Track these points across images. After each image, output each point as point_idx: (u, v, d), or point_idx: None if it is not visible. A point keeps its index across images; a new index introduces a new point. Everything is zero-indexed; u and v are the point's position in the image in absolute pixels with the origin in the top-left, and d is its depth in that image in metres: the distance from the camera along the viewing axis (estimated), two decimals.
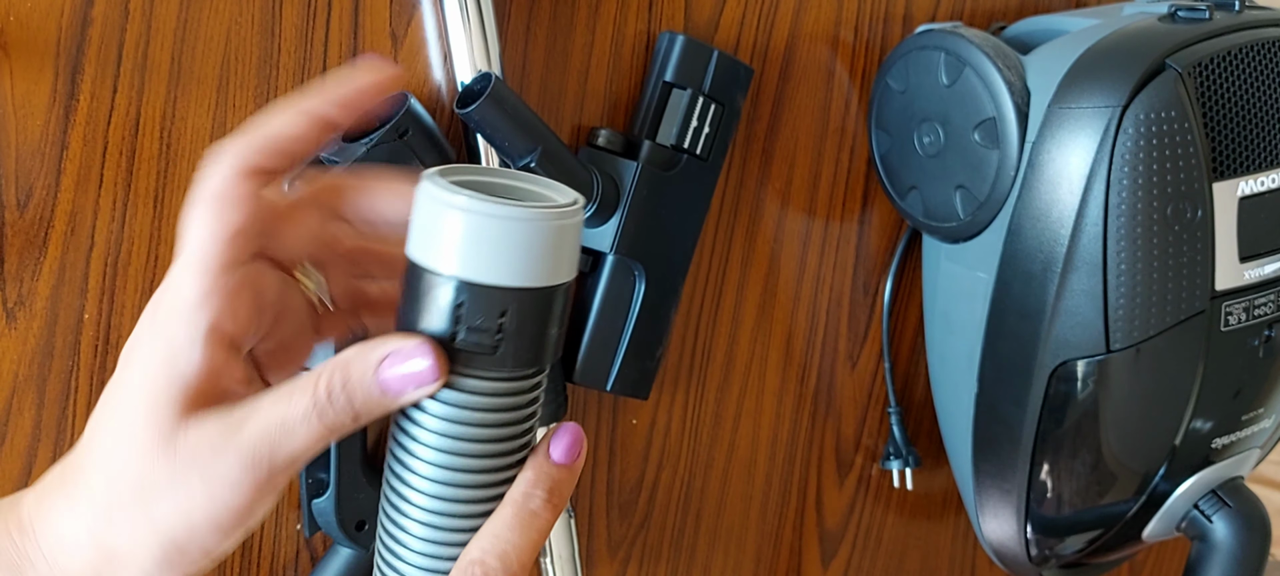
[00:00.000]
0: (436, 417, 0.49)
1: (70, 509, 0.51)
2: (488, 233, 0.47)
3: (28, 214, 0.73)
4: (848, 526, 1.06)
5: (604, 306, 0.85)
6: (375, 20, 0.80)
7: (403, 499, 0.51)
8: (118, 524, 0.49)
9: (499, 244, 0.48)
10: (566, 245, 0.50)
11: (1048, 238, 0.85)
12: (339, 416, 0.49)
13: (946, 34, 0.89)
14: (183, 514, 0.49)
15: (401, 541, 0.51)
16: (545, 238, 0.48)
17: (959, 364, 0.94)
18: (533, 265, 0.48)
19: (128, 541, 0.49)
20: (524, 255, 0.48)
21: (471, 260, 0.48)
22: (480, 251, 0.48)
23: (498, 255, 0.48)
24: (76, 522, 0.50)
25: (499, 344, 0.49)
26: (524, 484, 0.51)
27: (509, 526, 0.50)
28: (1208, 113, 0.82)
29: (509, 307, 0.48)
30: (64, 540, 0.50)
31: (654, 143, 0.85)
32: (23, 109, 0.72)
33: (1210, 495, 0.91)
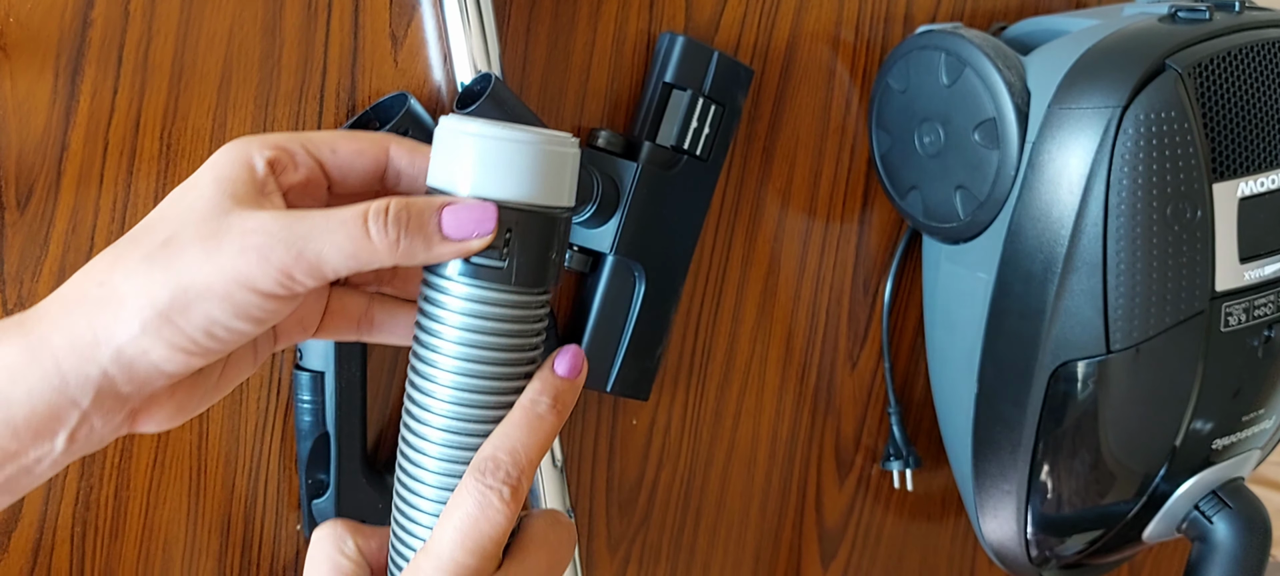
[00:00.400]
0: (454, 328, 0.55)
1: (95, 261, 0.53)
2: (496, 154, 0.54)
3: (28, 214, 0.73)
4: (847, 526, 1.06)
5: (604, 307, 0.85)
6: (375, 21, 0.80)
7: (422, 409, 0.56)
8: (131, 267, 0.51)
9: (506, 163, 0.54)
10: (565, 172, 0.57)
11: (1048, 238, 0.85)
12: (381, 240, 0.52)
13: (947, 34, 0.89)
14: (204, 273, 0.51)
15: (421, 448, 0.57)
16: (546, 161, 0.55)
17: (959, 364, 0.94)
18: (535, 185, 0.55)
19: (135, 285, 0.51)
20: (528, 175, 0.55)
21: (482, 179, 0.54)
22: (490, 171, 0.54)
23: (505, 173, 0.54)
24: (90, 268, 0.52)
25: (506, 259, 0.55)
26: (532, 392, 0.57)
27: (518, 427, 0.56)
28: (1208, 113, 0.82)
29: (514, 225, 0.55)
30: (72, 282, 0.52)
31: (654, 143, 0.85)
32: (23, 109, 0.72)
33: (1211, 496, 0.91)
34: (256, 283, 0.51)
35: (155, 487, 0.80)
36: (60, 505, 0.77)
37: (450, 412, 0.56)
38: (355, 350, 0.79)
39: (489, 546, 0.54)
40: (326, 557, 0.58)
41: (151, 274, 0.51)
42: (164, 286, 0.51)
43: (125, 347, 0.51)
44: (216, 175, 0.53)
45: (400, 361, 0.84)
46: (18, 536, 0.76)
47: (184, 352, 0.52)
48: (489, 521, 0.54)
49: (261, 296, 0.52)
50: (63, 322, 0.51)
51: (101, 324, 0.51)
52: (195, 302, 0.51)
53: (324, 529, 0.59)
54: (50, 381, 0.51)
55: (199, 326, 0.51)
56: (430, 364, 0.56)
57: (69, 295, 0.52)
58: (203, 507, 0.81)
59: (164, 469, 0.80)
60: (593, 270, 0.86)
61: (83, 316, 0.51)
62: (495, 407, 0.57)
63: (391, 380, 0.84)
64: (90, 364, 0.51)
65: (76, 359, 0.51)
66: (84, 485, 0.77)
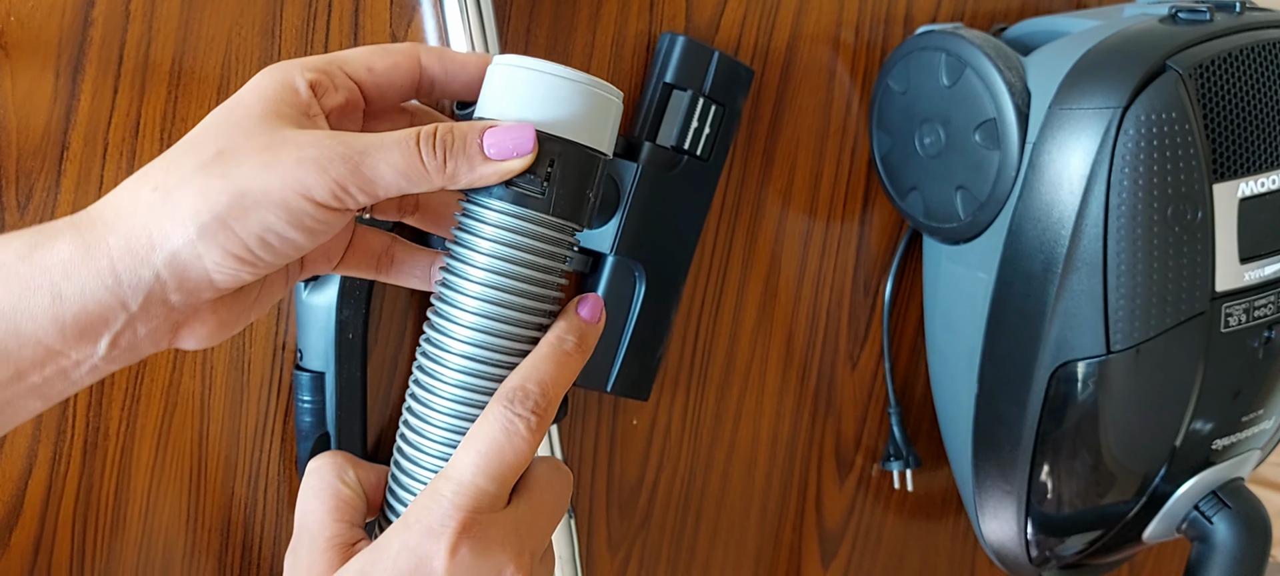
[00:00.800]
0: (488, 255, 0.58)
1: (146, 168, 0.54)
2: (546, 87, 0.57)
3: (28, 215, 0.73)
4: (848, 526, 1.06)
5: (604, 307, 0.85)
6: (375, 22, 0.80)
7: (448, 336, 0.58)
8: (187, 174, 0.52)
9: (554, 96, 0.57)
10: (608, 119, 0.59)
11: (1048, 238, 0.85)
12: (428, 160, 0.54)
13: (947, 35, 0.89)
14: (262, 180, 0.52)
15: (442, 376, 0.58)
16: (593, 102, 0.58)
17: (959, 364, 0.94)
18: (581, 123, 0.58)
19: (192, 189, 0.52)
20: (576, 112, 0.58)
21: (530, 109, 0.57)
22: (538, 102, 0.57)
23: (553, 106, 0.57)
24: (142, 176, 0.53)
25: (547, 187, 0.57)
26: (558, 329, 0.59)
27: (546, 360, 0.58)
28: (1208, 114, 0.82)
29: (557, 157, 0.57)
30: (123, 190, 0.53)
31: (654, 144, 0.85)
32: (24, 109, 0.72)
33: (1210, 496, 0.91)
34: (313, 192, 0.53)
35: (156, 486, 0.80)
36: (61, 502, 0.77)
37: (476, 340, 0.58)
38: (355, 350, 0.79)
39: (509, 474, 0.56)
40: (327, 485, 0.59)
41: (209, 181, 0.52)
42: (222, 192, 0.52)
43: (180, 251, 0.52)
44: (262, 94, 0.55)
45: (400, 362, 0.84)
46: (19, 532, 0.76)
47: (236, 260, 0.53)
48: (513, 449, 0.56)
49: (316, 205, 0.53)
50: (117, 225, 0.52)
51: (158, 227, 0.52)
52: (253, 209, 0.52)
53: (323, 458, 0.60)
54: (103, 280, 0.51)
55: (254, 233, 0.53)
56: (460, 290, 0.58)
57: (121, 202, 0.53)
58: (203, 506, 0.81)
59: (165, 468, 0.80)
60: (593, 270, 0.86)
61: (138, 219, 0.52)
62: (519, 340, 0.59)
63: (391, 380, 0.84)
64: (144, 266, 0.52)
65: (131, 260, 0.52)
66: (85, 482, 0.77)
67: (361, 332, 0.79)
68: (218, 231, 0.52)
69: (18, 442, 0.76)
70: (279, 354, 0.81)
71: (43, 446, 0.76)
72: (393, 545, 0.55)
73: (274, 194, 0.52)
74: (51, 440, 0.76)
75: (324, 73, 0.57)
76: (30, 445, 0.76)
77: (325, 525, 0.58)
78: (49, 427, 0.76)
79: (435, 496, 0.55)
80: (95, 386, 0.77)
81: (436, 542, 0.54)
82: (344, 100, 0.58)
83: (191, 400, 0.80)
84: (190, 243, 0.52)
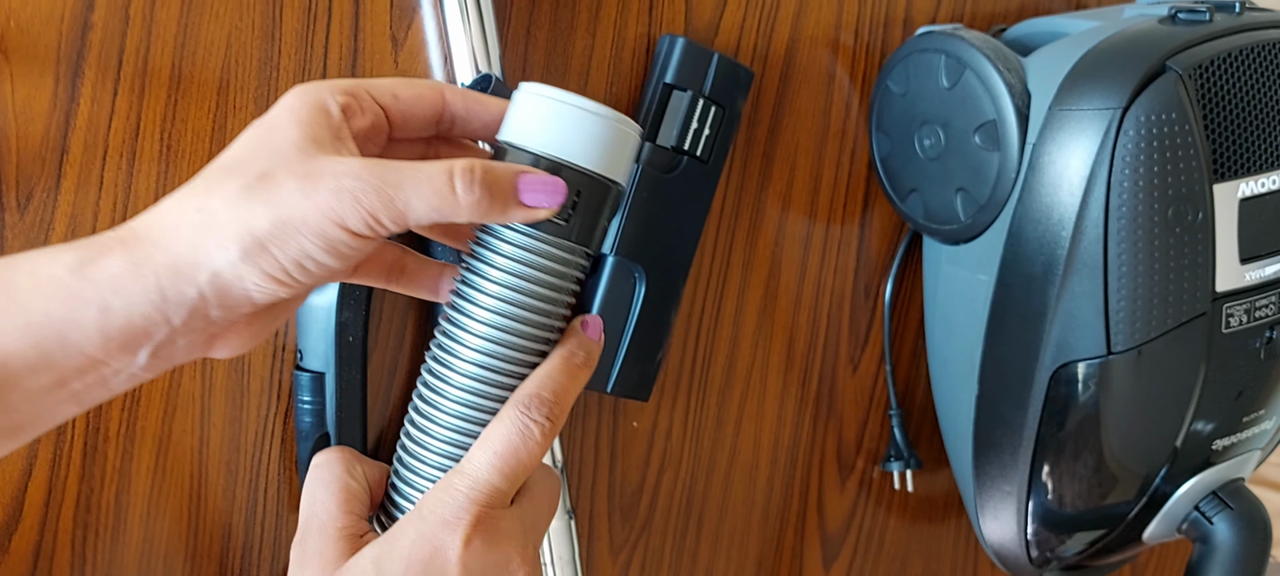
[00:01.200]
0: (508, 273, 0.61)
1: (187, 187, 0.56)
2: (576, 122, 0.60)
3: (28, 217, 0.73)
4: (849, 529, 1.06)
5: (604, 308, 0.85)
6: (375, 24, 0.80)
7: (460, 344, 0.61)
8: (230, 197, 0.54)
9: (582, 131, 0.60)
10: (628, 151, 0.62)
11: (1048, 240, 0.85)
12: (463, 195, 0.56)
13: (947, 37, 0.89)
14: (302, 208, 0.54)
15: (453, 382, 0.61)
16: (615, 136, 0.61)
17: (960, 366, 0.94)
18: (605, 156, 0.61)
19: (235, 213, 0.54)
20: (598, 144, 0.60)
21: (561, 142, 0.60)
22: (567, 136, 0.60)
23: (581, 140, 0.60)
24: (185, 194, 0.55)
25: (570, 216, 0.60)
26: (570, 344, 0.63)
27: (559, 370, 0.61)
28: (1208, 114, 0.82)
29: (582, 186, 0.60)
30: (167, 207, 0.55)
31: (654, 144, 0.85)
32: (23, 113, 0.72)
33: (1211, 497, 0.91)
34: (348, 221, 0.54)
35: (157, 491, 0.80)
36: (61, 508, 0.77)
37: (491, 350, 0.61)
38: (355, 351, 0.79)
39: (521, 474, 0.59)
40: (336, 477, 0.61)
41: (251, 204, 0.54)
42: (264, 217, 0.54)
43: (223, 271, 0.54)
44: (297, 117, 0.57)
45: (400, 363, 0.84)
46: (19, 538, 0.76)
47: (274, 281, 0.55)
48: (527, 451, 0.59)
49: (350, 235, 0.55)
50: (163, 243, 0.54)
51: (202, 247, 0.54)
52: (292, 235, 0.54)
53: (331, 452, 0.62)
54: (150, 296, 0.53)
55: (292, 257, 0.55)
56: (476, 303, 0.61)
57: (167, 219, 0.55)
58: (203, 508, 0.81)
59: (165, 472, 0.80)
60: (593, 271, 0.86)
61: (184, 239, 0.54)
62: (530, 352, 0.62)
63: (391, 381, 0.84)
64: (189, 283, 0.54)
65: (176, 278, 0.54)
66: (85, 488, 0.77)
67: (362, 334, 0.79)
68: (259, 254, 0.54)
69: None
70: (279, 355, 0.81)
71: (42, 449, 0.76)
72: (407, 534, 0.58)
73: (313, 222, 0.54)
74: (51, 443, 0.76)
75: (352, 96, 0.59)
76: (30, 448, 0.76)
77: (335, 516, 0.60)
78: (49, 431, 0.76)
79: (450, 490, 0.58)
80: None
81: (452, 533, 0.58)
82: (370, 123, 0.60)
83: (191, 402, 0.79)
84: (233, 264, 0.54)
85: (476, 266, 0.61)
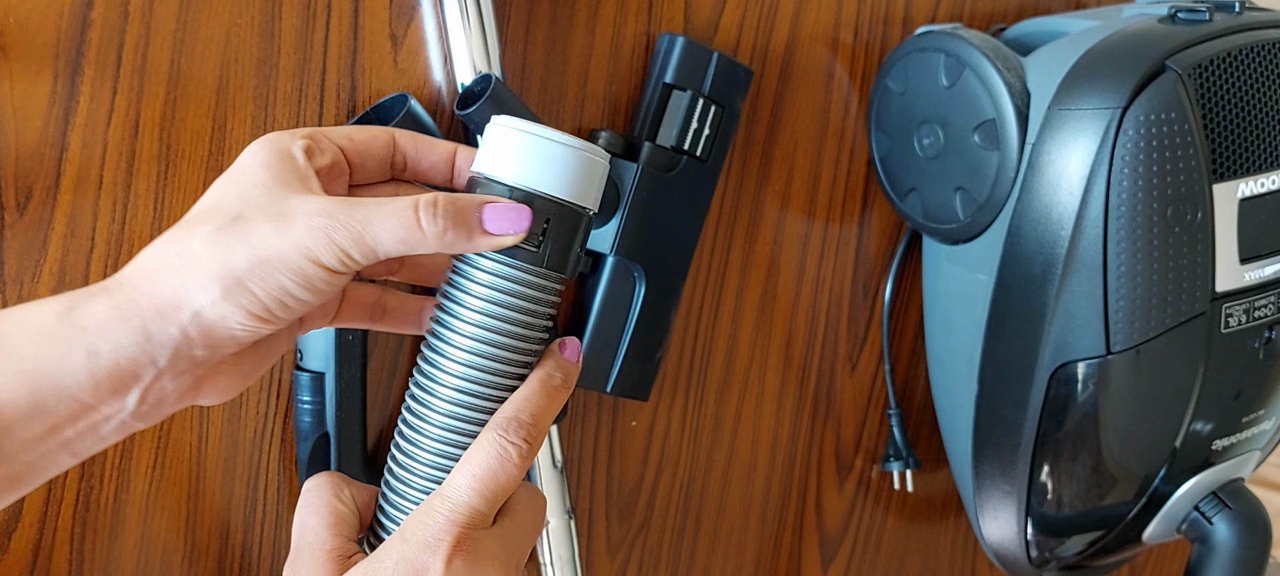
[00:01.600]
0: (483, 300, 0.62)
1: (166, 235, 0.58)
2: (545, 152, 0.61)
3: (27, 216, 0.73)
4: (848, 529, 1.06)
5: (604, 308, 0.85)
6: (375, 22, 0.80)
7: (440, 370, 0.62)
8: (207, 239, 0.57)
9: (552, 161, 0.61)
10: (596, 179, 0.64)
11: (1048, 239, 0.85)
12: (428, 226, 0.58)
13: (946, 36, 0.89)
14: (278, 246, 0.56)
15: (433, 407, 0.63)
16: (583, 165, 0.62)
17: (959, 365, 0.94)
18: (572, 183, 0.62)
19: (214, 254, 0.56)
20: (568, 174, 0.62)
21: (531, 173, 0.61)
22: (538, 166, 0.61)
23: (551, 170, 0.61)
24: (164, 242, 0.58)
25: (541, 244, 0.62)
26: (548, 366, 0.64)
27: (537, 393, 0.63)
28: (1208, 114, 0.82)
29: (550, 217, 0.61)
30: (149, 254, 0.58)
31: (654, 144, 0.85)
32: (22, 111, 0.72)
33: (1211, 497, 0.91)
34: (321, 258, 0.57)
35: (155, 490, 0.80)
36: (60, 506, 0.77)
37: (467, 376, 0.62)
38: (355, 351, 0.79)
39: (500, 495, 0.61)
40: (325, 502, 0.63)
41: (229, 245, 0.56)
42: (242, 257, 0.56)
43: (205, 310, 0.56)
44: (264, 163, 0.59)
45: (400, 362, 0.84)
46: (18, 537, 0.76)
47: (255, 318, 0.57)
48: (505, 473, 0.61)
49: (324, 270, 0.57)
50: (146, 287, 0.56)
51: (184, 287, 0.56)
52: (270, 272, 0.56)
53: (320, 477, 0.64)
54: (135, 338, 0.56)
55: (271, 293, 0.57)
56: (454, 330, 0.62)
57: (148, 265, 0.57)
58: (203, 510, 0.81)
59: (164, 471, 0.80)
60: (593, 270, 0.86)
61: (166, 281, 0.56)
62: (507, 376, 0.63)
63: (391, 380, 0.84)
64: (172, 324, 0.56)
65: (160, 319, 0.56)
66: (84, 486, 0.77)
67: (361, 334, 0.79)
68: (238, 292, 0.56)
69: None
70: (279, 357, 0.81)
71: None
72: (391, 556, 0.60)
73: (288, 259, 0.57)
74: None
75: (311, 138, 0.62)
76: None
77: (324, 539, 0.62)
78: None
79: (431, 513, 0.60)
80: None
81: (433, 555, 0.59)
82: (330, 162, 0.62)
83: None
84: (214, 302, 0.56)
85: (452, 294, 0.63)
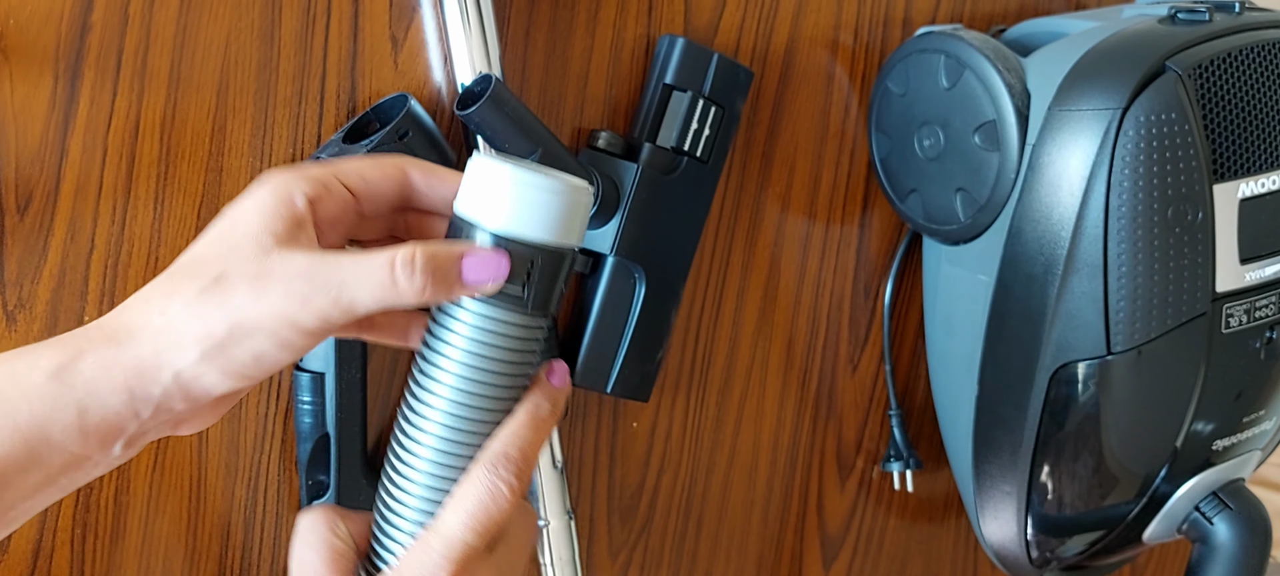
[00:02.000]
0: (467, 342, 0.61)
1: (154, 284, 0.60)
2: (527, 198, 0.60)
3: (27, 218, 0.73)
4: (849, 530, 1.06)
5: (604, 308, 0.85)
6: (375, 24, 0.80)
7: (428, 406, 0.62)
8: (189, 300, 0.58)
9: (535, 206, 0.60)
10: (581, 215, 0.62)
11: (1048, 240, 0.85)
12: (404, 283, 0.58)
13: (946, 37, 0.89)
14: (254, 311, 0.57)
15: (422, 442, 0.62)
16: (565, 203, 0.61)
17: (960, 366, 0.94)
18: (557, 227, 0.61)
19: (193, 318, 0.57)
20: (553, 216, 0.61)
21: (513, 217, 0.60)
22: (520, 212, 0.60)
23: (533, 215, 0.60)
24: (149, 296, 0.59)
25: (525, 288, 0.61)
26: (534, 398, 0.64)
27: (524, 426, 0.63)
28: (1208, 114, 0.82)
29: (535, 260, 0.60)
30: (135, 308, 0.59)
31: (654, 145, 0.85)
32: (22, 114, 0.72)
33: (1211, 497, 0.91)
34: (300, 322, 0.58)
35: (156, 491, 0.80)
36: (60, 508, 0.77)
37: (454, 412, 0.62)
38: (355, 352, 0.79)
39: (493, 530, 0.61)
40: (320, 538, 0.63)
41: (207, 309, 0.57)
42: (220, 322, 0.57)
43: (184, 371, 0.58)
44: (260, 210, 0.60)
45: (400, 363, 0.84)
46: (18, 538, 0.76)
47: (233, 377, 0.59)
48: (497, 508, 0.61)
49: (302, 332, 0.58)
50: (130, 346, 0.58)
51: (165, 350, 0.58)
52: (247, 337, 0.58)
53: (315, 511, 0.65)
54: (121, 396, 0.57)
55: (248, 357, 0.58)
56: (440, 367, 0.62)
57: (134, 321, 0.59)
58: (203, 510, 0.81)
59: (164, 472, 0.80)
60: (593, 271, 0.86)
61: (148, 342, 0.58)
62: (496, 412, 0.63)
63: (391, 381, 0.84)
64: (154, 384, 0.58)
65: (142, 379, 0.58)
66: (84, 487, 0.77)
67: None
68: (217, 355, 0.58)
69: None
70: None
71: None
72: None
73: (265, 324, 0.58)
74: None
75: (321, 185, 0.61)
76: None
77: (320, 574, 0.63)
78: None
79: (427, 550, 0.61)
80: None
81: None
82: (339, 209, 0.63)
83: None
84: (192, 364, 0.58)
85: (438, 332, 0.62)
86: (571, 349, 0.86)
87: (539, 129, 0.79)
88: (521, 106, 0.79)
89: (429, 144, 0.78)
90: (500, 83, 0.77)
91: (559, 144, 0.80)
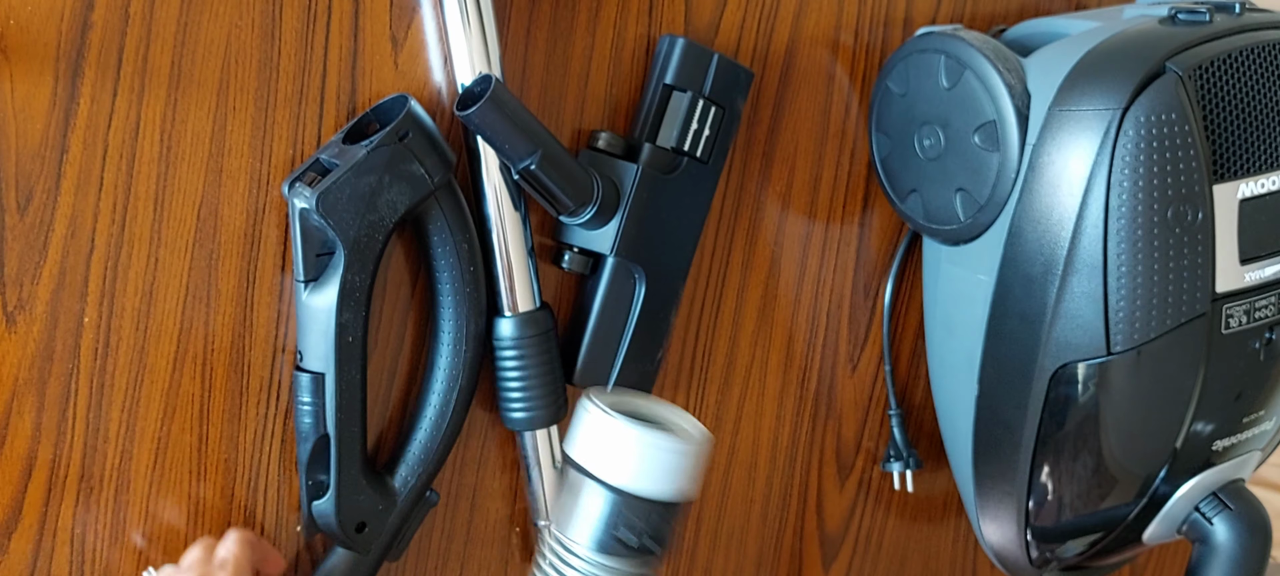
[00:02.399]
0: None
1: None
2: (660, 459, 0.61)
3: (28, 217, 0.73)
4: (848, 529, 1.06)
5: (604, 308, 0.85)
6: (375, 24, 0.80)
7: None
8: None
9: (666, 467, 0.61)
10: (704, 465, 0.64)
11: (1048, 240, 0.85)
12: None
13: (946, 37, 0.89)
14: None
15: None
16: (694, 465, 0.62)
17: (959, 366, 0.94)
18: (684, 484, 0.62)
19: None
20: (680, 477, 0.62)
21: (640, 476, 0.61)
22: (651, 472, 0.61)
23: (663, 475, 0.61)
24: None
25: (643, 543, 0.61)
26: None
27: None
28: (1208, 115, 0.82)
29: (656, 515, 0.62)
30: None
31: (654, 145, 0.85)
32: (23, 113, 0.72)
33: (1211, 497, 0.91)
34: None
35: (156, 492, 0.80)
36: (60, 507, 0.77)
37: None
38: (355, 352, 0.79)
39: None
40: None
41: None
42: None
43: None
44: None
45: (400, 364, 0.84)
46: (18, 538, 0.76)
47: None
48: None
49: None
50: None
51: None
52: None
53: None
54: None
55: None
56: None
57: None
58: (203, 509, 0.81)
59: (164, 472, 0.80)
60: (593, 271, 0.86)
61: None
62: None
63: (391, 382, 0.84)
64: None
65: None
66: (84, 487, 0.77)
67: (361, 335, 0.79)
68: None
69: (17, 446, 0.75)
70: (279, 355, 0.81)
71: (42, 449, 0.76)
72: None
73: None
74: (51, 443, 0.76)
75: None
76: (30, 448, 0.76)
77: None
78: (48, 431, 0.76)
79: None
80: (94, 389, 0.77)
81: None
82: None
83: (191, 403, 0.79)
84: None
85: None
86: (571, 349, 0.86)
87: (539, 130, 0.79)
88: (521, 107, 0.79)
89: (429, 145, 0.78)
90: (500, 83, 0.77)
91: (559, 145, 0.80)
